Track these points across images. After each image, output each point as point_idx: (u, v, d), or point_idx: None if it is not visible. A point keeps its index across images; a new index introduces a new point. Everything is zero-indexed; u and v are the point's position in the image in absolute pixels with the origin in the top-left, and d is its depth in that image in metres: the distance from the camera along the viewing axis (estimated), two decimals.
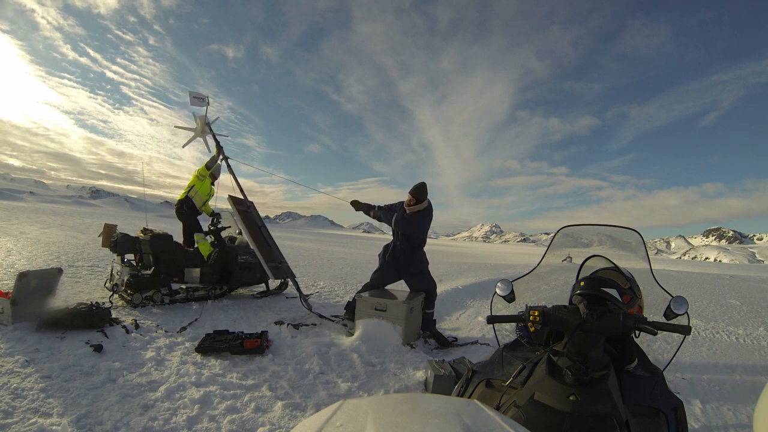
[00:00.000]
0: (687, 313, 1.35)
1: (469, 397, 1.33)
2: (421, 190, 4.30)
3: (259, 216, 5.74)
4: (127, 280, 4.43)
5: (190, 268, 5.19)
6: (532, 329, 1.32)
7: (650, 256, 1.66)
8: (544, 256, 1.81)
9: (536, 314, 1.20)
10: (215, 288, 5.28)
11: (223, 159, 5.77)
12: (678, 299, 1.35)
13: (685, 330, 1.15)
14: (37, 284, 3.57)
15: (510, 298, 1.55)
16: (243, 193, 5.73)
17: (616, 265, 1.57)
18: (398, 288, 4.69)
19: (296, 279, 5.37)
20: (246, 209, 5.51)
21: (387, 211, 4.57)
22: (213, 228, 5.66)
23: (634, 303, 1.38)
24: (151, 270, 4.75)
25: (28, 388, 2.38)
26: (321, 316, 4.69)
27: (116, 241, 4.80)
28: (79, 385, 2.52)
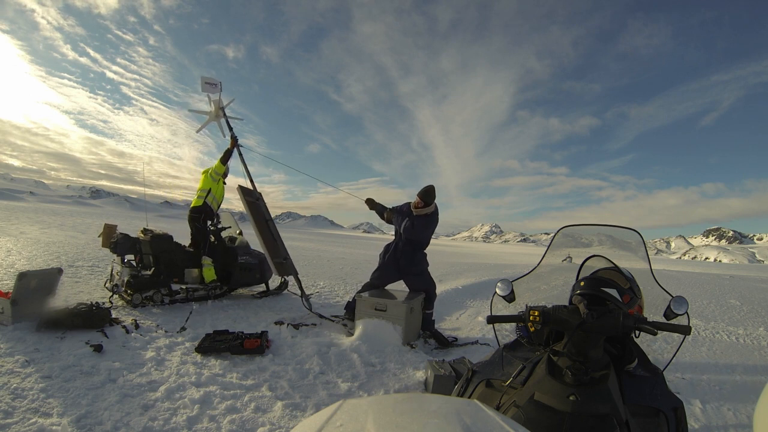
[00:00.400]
0: (687, 313, 1.35)
1: (469, 397, 1.33)
2: (429, 193, 4.30)
3: (267, 209, 5.58)
4: (127, 280, 4.43)
5: (190, 268, 5.19)
6: (532, 329, 1.32)
7: (650, 256, 1.66)
8: (544, 256, 1.81)
9: (536, 314, 1.20)
10: (215, 288, 5.28)
11: (234, 146, 5.58)
12: (678, 299, 1.35)
13: (685, 330, 1.15)
14: (37, 284, 3.57)
15: (510, 298, 1.55)
16: (252, 183, 5.58)
17: (616, 265, 1.57)
18: (398, 288, 4.69)
19: (299, 276, 5.32)
20: (255, 201, 5.37)
21: (398, 215, 4.53)
22: (213, 228, 5.66)
23: (634, 303, 1.38)
24: (151, 270, 4.75)
25: (28, 388, 2.39)
26: (321, 316, 4.69)
27: (116, 242, 4.80)
28: (79, 385, 2.52)
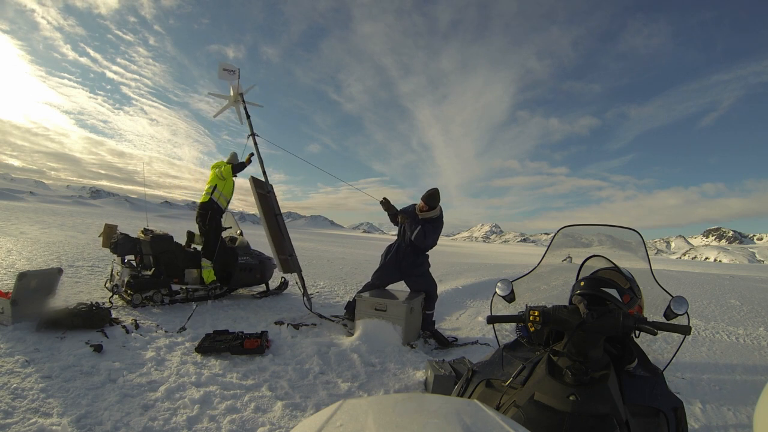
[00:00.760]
0: (687, 313, 1.35)
1: (469, 397, 1.33)
2: (434, 197, 4.30)
3: (277, 203, 5.46)
4: (127, 280, 4.43)
5: (190, 268, 5.19)
6: (532, 329, 1.32)
7: (650, 256, 1.66)
8: (544, 256, 1.81)
9: (536, 314, 1.20)
10: (215, 288, 5.28)
11: (250, 135, 5.44)
12: (678, 299, 1.35)
13: (685, 330, 1.15)
14: (37, 284, 3.57)
15: (510, 298, 1.55)
16: (265, 175, 5.43)
17: (616, 265, 1.57)
18: (399, 288, 4.69)
19: (302, 273, 5.28)
20: (266, 193, 5.26)
21: (411, 222, 4.45)
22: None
23: (634, 303, 1.38)
24: (151, 270, 4.75)
25: (28, 388, 2.38)
26: (321, 316, 4.69)
27: (117, 243, 4.80)
28: (79, 385, 2.52)
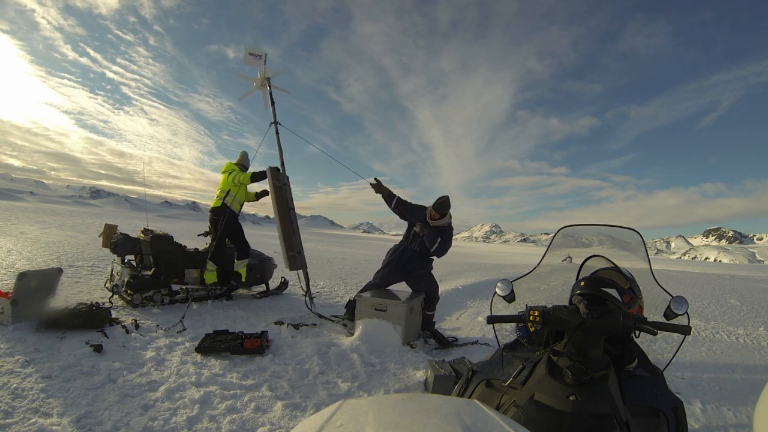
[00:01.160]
0: (687, 313, 1.35)
1: (469, 397, 1.33)
2: (445, 205, 4.29)
3: (292, 197, 5.30)
4: (127, 280, 4.43)
5: (190, 268, 5.19)
6: (532, 329, 1.32)
7: (650, 256, 1.66)
8: (544, 256, 1.81)
9: (536, 314, 1.20)
10: (215, 288, 5.28)
11: (272, 123, 5.35)
12: (678, 299, 1.35)
13: (685, 330, 1.15)
14: (37, 284, 3.57)
15: (510, 298, 1.55)
16: (283, 167, 5.29)
17: (616, 265, 1.57)
18: (399, 288, 4.69)
19: (308, 271, 5.25)
20: (282, 185, 5.14)
21: (430, 232, 4.31)
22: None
23: (634, 303, 1.38)
24: (151, 270, 4.75)
25: (28, 388, 2.39)
26: (321, 316, 4.69)
27: (117, 243, 4.80)
28: (79, 385, 2.52)
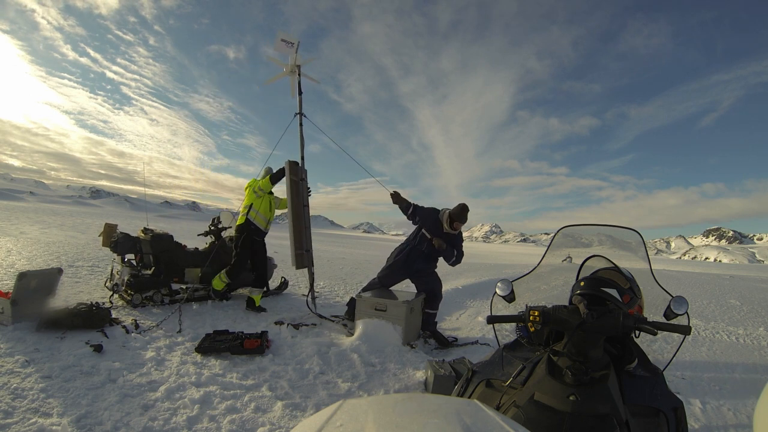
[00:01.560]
0: (687, 313, 1.35)
1: (469, 397, 1.33)
2: (464, 215, 4.39)
3: (306, 194, 5.22)
4: (128, 280, 4.43)
5: (190, 268, 5.19)
6: (532, 329, 1.32)
7: (650, 256, 1.66)
8: (544, 256, 1.81)
9: (536, 314, 1.20)
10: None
11: (297, 114, 5.20)
12: (678, 299, 1.35)
13: (685, 330, 1.15)
14: (37, 284, 3.57)
15: (510, 298, 1.55)
16: (303, 161, 5.20)
17: (616, 265, 1.57)
18: (399, 288, 4.69)
19: (313, 270, 5.22)
20: (299, 180, 5.07)
21: (449, 246, 4.44)
22: (213, 228, 5.66)
23: (634, 303, 1.38)
24: (152, 270, 4.75)
25: (28, 388, 2.38)
26: (321, 316, 4.69)
27: (117, 241, 4.79)
28: (79, 385, 2.52)
